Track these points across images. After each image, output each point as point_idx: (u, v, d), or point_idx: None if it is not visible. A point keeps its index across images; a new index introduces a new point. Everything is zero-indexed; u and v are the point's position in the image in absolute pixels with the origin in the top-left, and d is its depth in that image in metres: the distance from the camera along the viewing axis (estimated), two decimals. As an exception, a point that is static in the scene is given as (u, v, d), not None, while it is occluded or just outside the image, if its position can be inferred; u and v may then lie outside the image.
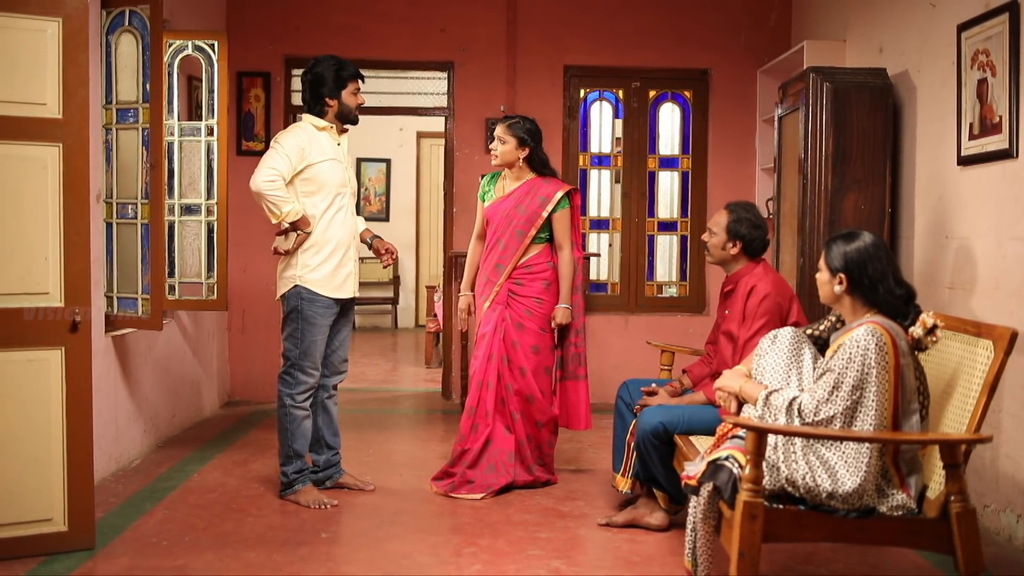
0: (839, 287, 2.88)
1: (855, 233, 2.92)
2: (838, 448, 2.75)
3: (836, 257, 2.89)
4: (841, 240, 2.92)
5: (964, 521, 2.64)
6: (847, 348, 2.73)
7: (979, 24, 3.93)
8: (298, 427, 4.17)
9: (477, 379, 4.37)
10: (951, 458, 2.65)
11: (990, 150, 3.86)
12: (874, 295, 2.84)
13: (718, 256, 3.82)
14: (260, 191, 3.95)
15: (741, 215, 3.73)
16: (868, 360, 2.69)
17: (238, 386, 6.55)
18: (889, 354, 2.71)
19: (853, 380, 2.70)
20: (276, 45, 6.42)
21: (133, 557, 3.47)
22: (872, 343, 2.70)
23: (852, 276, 2.85)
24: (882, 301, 2.83)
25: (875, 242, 2.88)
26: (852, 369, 2.70)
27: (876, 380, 2.70)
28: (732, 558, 2.66)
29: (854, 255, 2.85)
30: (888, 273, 2.85)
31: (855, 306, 2.89)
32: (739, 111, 6.60)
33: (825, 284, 2.94)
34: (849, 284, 2.86)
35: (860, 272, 2.84)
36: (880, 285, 2.83)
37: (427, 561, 3.48)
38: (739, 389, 3.02)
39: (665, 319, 6.65)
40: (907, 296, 2.86)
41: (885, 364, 2.70)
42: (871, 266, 2.83)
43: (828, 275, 2.92)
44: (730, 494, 2.74)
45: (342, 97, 4.19)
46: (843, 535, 2.72)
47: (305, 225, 4.03)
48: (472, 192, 6.53)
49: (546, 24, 6.53)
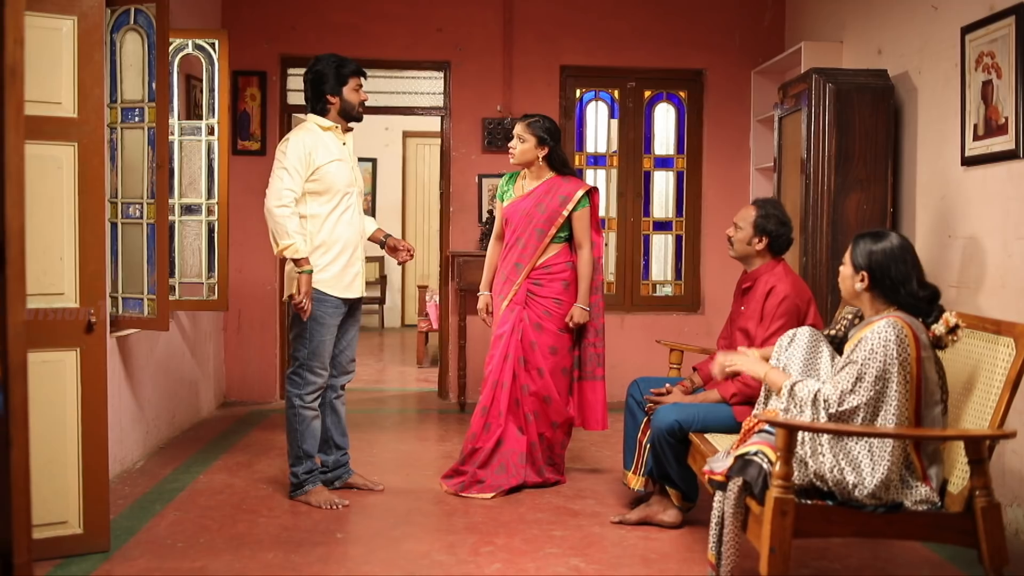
0: (860, 284, 2.92)
1: (883, 233, 2.96)
2: (863, 440, 2.78)
3: (861, 254, 2.92)
4: (869, 238, 2.95)
5: (989, 515, 2.68)
6: (868, 340, 2.77)
7: (984, 27, 3.98)
8: (307, 427, 4.15)
9: (492, 379, 4.37)
10: (976, 453, 2.70)
11: (996, 151, 3.92)
12: (895, 295, 2.88)
13: (741, 251, 3.83)
14: (270, 213, 3.99)
15: (769, 211, 3.77)
16: (890, 351, 2.73)
17: (234, 387, 6.51)
18: (910, 346, 2.75)
19: (876, 371, 2.73)
20: (272, 44, 6.39)
21: (150, 559, 3.45)
22: (892, 335, 2.74)
23: (874, 275, 2.89)
24: (903, 301, 2.87)
25: (902, 244, 2.91)
26: (874, 360, 2.74)
27: (898, 371, 2.74)
28: (763, 554, 2.68)
29: (879, 255, 2.89)
30: (911, 276, 2.88)
31: (875, 303, 2.93)
32: (734, 111, 6.65)
33: (847, 279, 2.98)
34: (870, 282, 2.90)
35: (883, 272, 2.88)
36: (902, 287, 2.86)
37: (446, 560, 3.49)
38: (764, 375, 3.05)
39: (660, 318, 6.68)
40: (931, 296, 2.90)
41: (907, 355, 2.74)
42: (894, 268, 2.87)
43: (851, 271, 2.96)
44: (760, 489, 2.77)
45: (343, 94, 4.17)
46: (871, 530, 2.76)
47: (303, 264, 3.99)
48: (469, 192, 6.56)
49: (542, 24, 6.55)
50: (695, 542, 3.70)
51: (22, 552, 1.71)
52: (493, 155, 6.49)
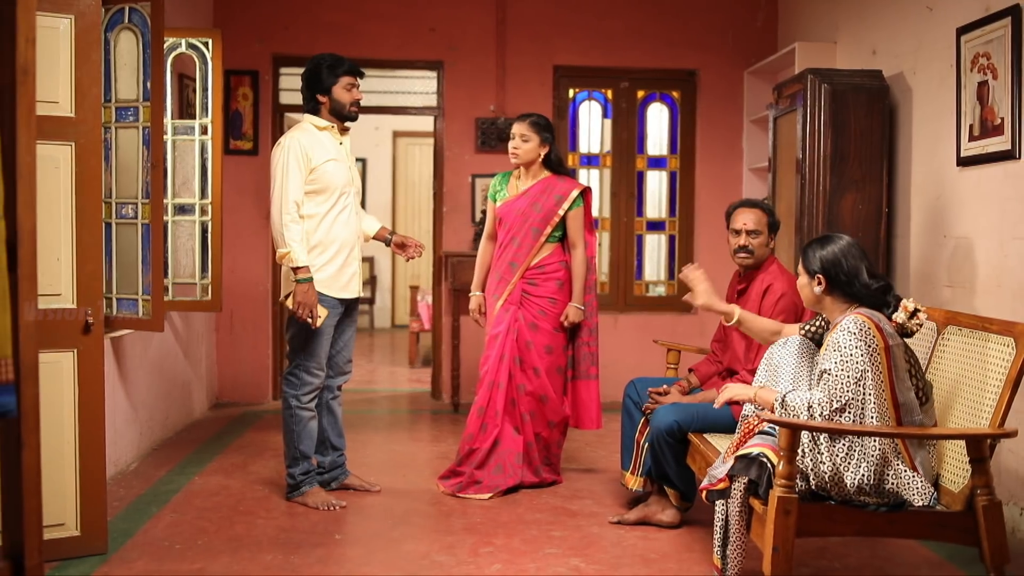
0: (818, 288, 2.99)
1: (828, 236, 3.07)
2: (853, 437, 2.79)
3: (812, 260, 3.01)
4: (816, 244, 3.05)
5: (990, 514, 2.70)
6: (835, 342, 2.81)
7: (980, 28, 4.01)
8: (304, 428, 4.14)
9: (488, 379, 4.37)
10: (977, 452, 2.71)
11: (992, 151, 3.94)
12: (851, 289, 2.94)
13: (762, 255, 3.82)
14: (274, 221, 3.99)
15: (768, 207, 3.85)
16: (859, 347, 2.76)
17: (226, 388, 6.49)
18: (876, 337, 2.78)
19: (851, 372, 2.76)
20: (264, 43, 6.37)
21: (148, 561, 3.43)
22: (855, 331, 2.78)
23: (828, 275, 2.96)
24: (860, 294, 2.94)
25: (848, 241, 3.01)
26: (846, 362, 2.77)
27: (871, 364, 2.76)
28: (766, 553, 2.69)
29: (828, 255, 2.97)
30: (861, 268, 2.95)
31: (836, 304, 2.99)
32: (726, 111, 6.67)
33: (805, 287, 3.07)
34: (827, 283, 2.96)
35: (836, 270, 2.95)
36: (856, 280, 2.93)
37: (446, 561, 3.48)
38: (754, 396, 3.05)
39: (653, 318, 6.69)
40: (884, 287, 2.96)
41: (875, 346, 2.77)
42: (845, 263, 2.95)
43: (807, 278, 3.04)
44: (764, 489, 2.77)
45: (333, 93, 4.15)
46: (873, 529, 2.77)
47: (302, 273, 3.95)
48: (462, 192, 6.56)
49: (535, 24, 6.55)
50: (694, 542, 3.71)
51: (33, 554, 1.70)
52: (487, 155, 6.49)
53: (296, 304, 3.94)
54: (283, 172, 3.97)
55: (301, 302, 3.93)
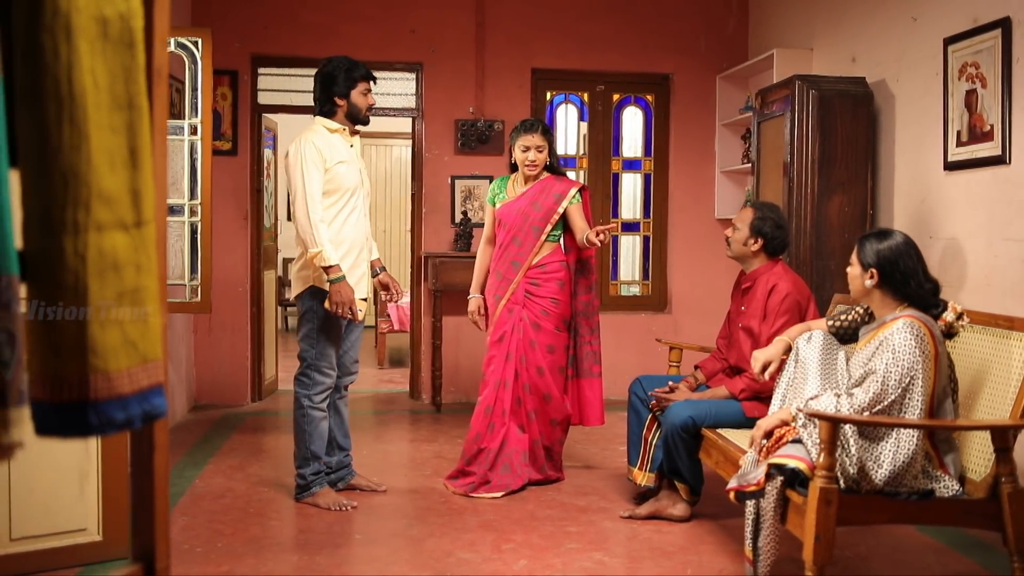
0: (870, 281, 3.05)
1: (886, 232, 3.11)
2: (890, 437, 2.91)
3: (869, 253, 3.06)
4: (874, 238, 3.09)
5: (1015, 500, 2.85)
6: (890, 345, 2.90)
7: (968, 38, 4.19)
8: (316, 428, 4.14)
9: (495, 378, 4.42)
10: (1002, 442, 2.85)
11: (980, 156, 4.12)
12: (905, 289, 3.02)
13: (738, 251, 3.96)
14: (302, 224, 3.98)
15: (766, 214, 3.90)
16: (914, 354, 2.86)
17: (204, 390, 6.41)
18: (929, 344, 2.90)
19: (898, 376, 2.86)
20: (244, 43, 6.31)
21: (175, 565, 3.40)
22: (911, 337, 2.88)
23: (884, 271, 3.03)
24: (912, 295, 3.02)
25: (906, 240, 3.07)
26: (897, 365, 2.86)
27: (922, 371, 2.88)
28: (807, 542, 2.79)
29: (887, 252, 3.03)
30: (918, 269, 3.04)
31: (885, 300, 3.06)
32: (699, 115, 6.82)
33: (856, 279, 3.11)
34: (880, 279, 3.04)
35: (892, 268, 3.02)
36: (911, 280, 3.01)
37: (471, 558, 3.52)
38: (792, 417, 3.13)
39: (629, 318, 6.81)
40: (934, 289, 3.06)
41: (927, 354, 2.89)
42: (902, 262, 3.02)
43: (860, 270, 3.09)
44: (800, 483, 2.88)
45: (351, 97, 4.18)
46: (906, 516, 2.90)
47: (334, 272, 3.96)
48: (441, 194, 6.58)
49: (514, 27, 6.61)
50: (706, 534, 3.81)
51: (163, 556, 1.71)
52: (467, 157, 6.53)
53: (333, 304, 3.95)
54: (303, 174, 3.96)
55: (338, 301, 3.95)
